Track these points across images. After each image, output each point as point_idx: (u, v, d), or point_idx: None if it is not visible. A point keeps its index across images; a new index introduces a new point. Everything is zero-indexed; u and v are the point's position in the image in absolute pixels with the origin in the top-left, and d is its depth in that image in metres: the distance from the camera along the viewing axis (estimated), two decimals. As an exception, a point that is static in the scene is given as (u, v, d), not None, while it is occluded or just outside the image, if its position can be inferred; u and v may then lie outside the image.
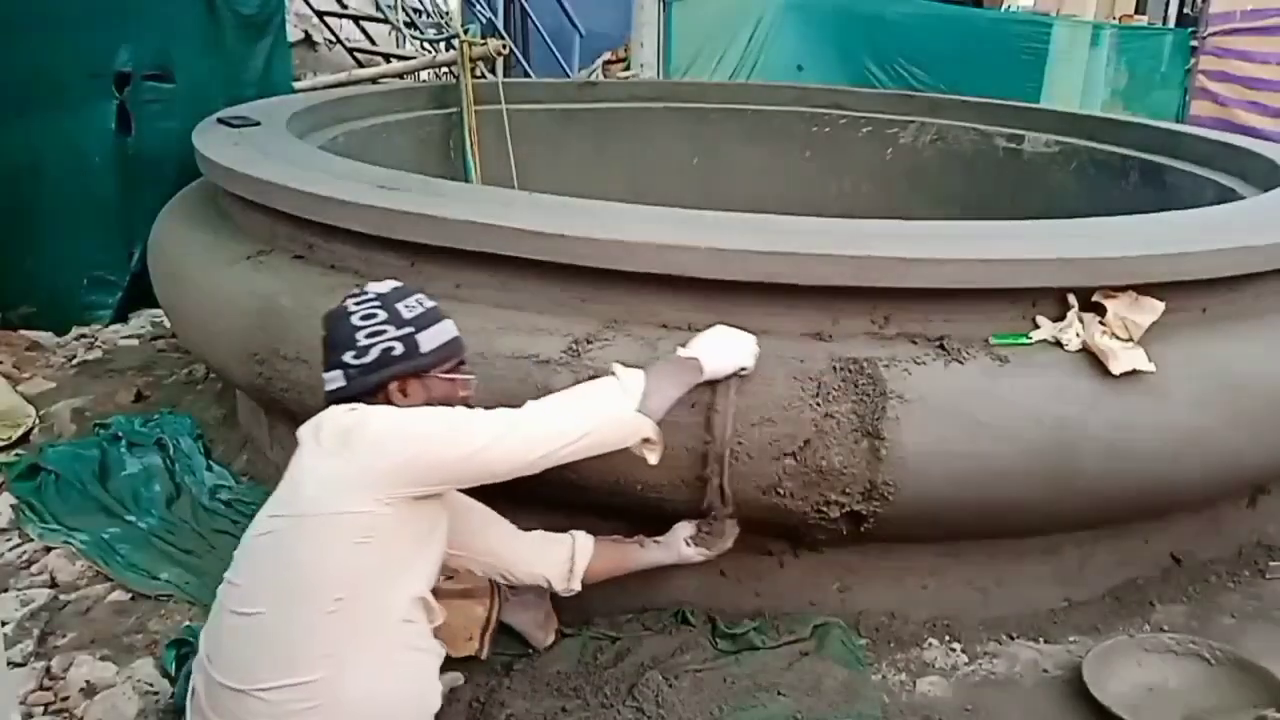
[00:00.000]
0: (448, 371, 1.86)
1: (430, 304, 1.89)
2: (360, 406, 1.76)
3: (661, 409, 1.92)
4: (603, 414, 1.85)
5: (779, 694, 2.12)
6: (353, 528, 1.64)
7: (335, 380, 1.81)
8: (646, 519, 2.27)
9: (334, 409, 1.77)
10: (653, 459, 1.96)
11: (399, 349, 1.80)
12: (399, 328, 1.81)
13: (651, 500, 2.19)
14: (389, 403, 1.79)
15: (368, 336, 1.79)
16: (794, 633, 2.31)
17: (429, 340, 1.83)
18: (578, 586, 2.10)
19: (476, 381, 1.93)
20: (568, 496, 2.21)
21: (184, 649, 2.09)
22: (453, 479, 1.76)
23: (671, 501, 2.19)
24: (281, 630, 1.64)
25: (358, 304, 1.84)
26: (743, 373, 2.07)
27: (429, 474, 1.71)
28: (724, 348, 2.06)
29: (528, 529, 2.20)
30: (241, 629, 1.68)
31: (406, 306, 1.84)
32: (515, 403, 1.96)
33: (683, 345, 2.07)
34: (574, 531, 2.15)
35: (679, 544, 2.17)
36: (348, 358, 1.79)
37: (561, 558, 2.09)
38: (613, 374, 1.94)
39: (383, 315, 1.82)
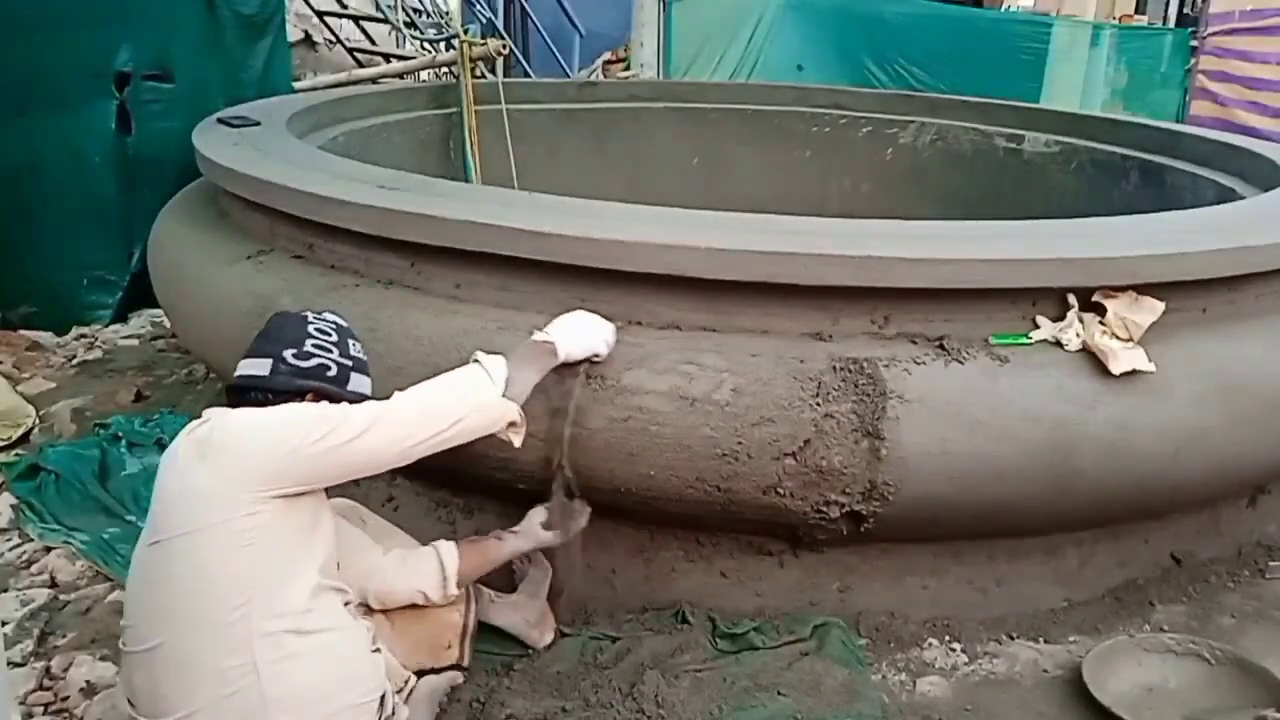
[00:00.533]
0: None
1: (365, 357, 1.96)
2: (214, 414, 1.75)
3: (524, 393, 1.97)
4: (470, 401, 1.87)
5: (779, 694, 2.12)
6: (233, 534, 1.62)
7: (257, 367, 1.82)
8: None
9: (182, 433, 1.75)
10: (517, 442, 1.99)
11: (333, 371, 1.85)
12: (342, 356, 1.88)
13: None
14: None
15: (315, 346, 1.85)
16: (794, 633, 2.31)
17: (357, 384, 1.89)
18: (455, 591, 2.08)
19: None
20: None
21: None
22: (326, 473, 1.75)
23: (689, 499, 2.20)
24: (187, 654, 1.62)
25: (317, 318, 1.92)
26: (595, 359, 2.10)
27: (301, 469, 1.69)
28: (580, 332, 2.09)
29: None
30: (147, 665, 1.66)
31: (353, 344, 1.93)
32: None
33: (539, 329, 2.09)
34: (436, 542, 2.12)
35: (535, 530, 2.17)
36: (288, 354, 1.82)
37: (431, 569, 2.07)
38: (475, 361, 1.95)
39: (334, 338, 1.89)
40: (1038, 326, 2.25)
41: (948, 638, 2.38)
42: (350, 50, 9.37)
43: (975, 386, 2.13)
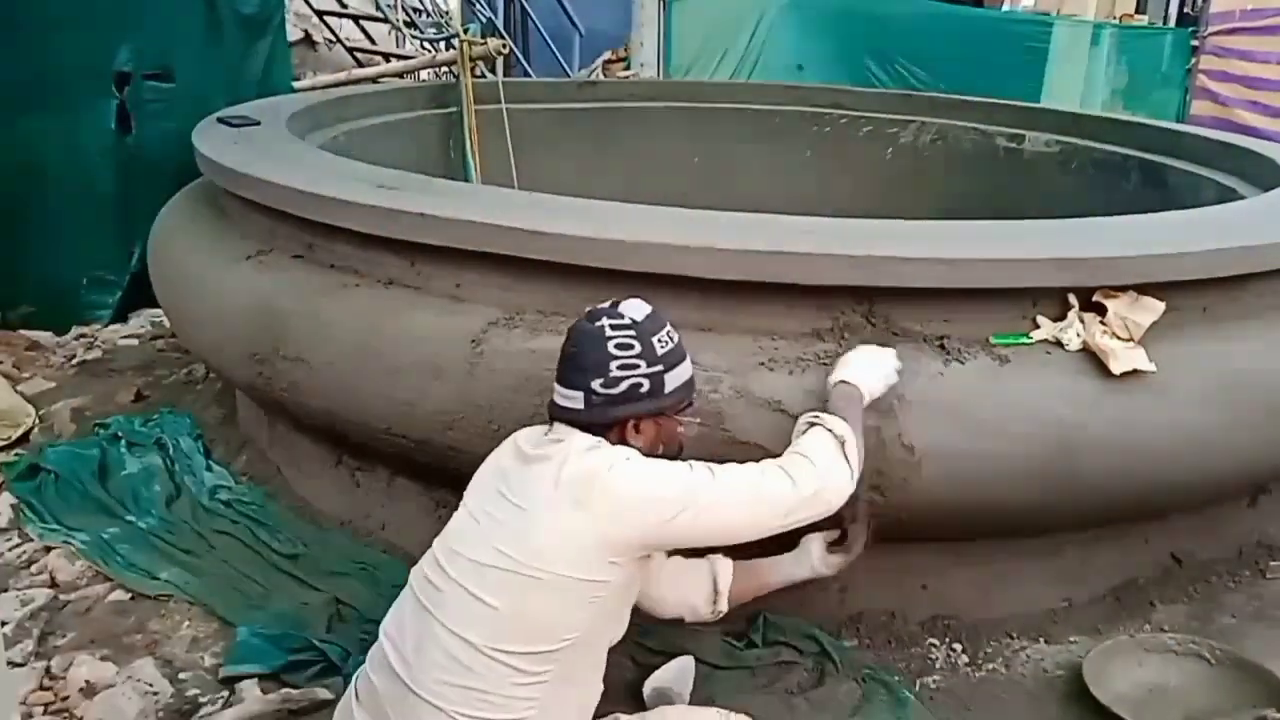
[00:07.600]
0: (678, 412, 1.81)
1: (677, 338, 1.79)
2: (602, 447, 1.70)
3: (861, 448, 1.88)
4: (836, 487, 1.80)
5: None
6: (586, 591, 1.62)
7: (573, 400, 1.72)
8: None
9: (575, 441, 1.70)
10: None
11: (646, 386, 1.72)
12: (650, 364, 1.73)
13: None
14: (622, 438, 1.74)
15: (620, 368, 1.71)
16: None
17: (673, 380, 1.76)
18: (725, 608, 2.01)
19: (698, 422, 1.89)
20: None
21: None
22: (690, 542, 1.73)
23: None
24: (494, 666, 1.60)
25: (615, 329, 1.73)
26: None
27: (667, 539, 1.68)
28: (876, 369, 2.02)
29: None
30: (446, 647, 1.62)
31: (659, 341, 1.75)
32: (511, 399, 1.95)
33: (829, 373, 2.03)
34: (710, 555, 2.02)
35: (811, 557, 2.07)
36: (595, 384, 1.70)
37: (703, 581, 2.00)
38: (826, 428, 1.85)
39: (638, 348, 1.72)
40: (1038, 326, 2.24)
41: (948, 638, 2.38)
42: (350, 50, 9.37)
43: (975, 386, 2.13)
